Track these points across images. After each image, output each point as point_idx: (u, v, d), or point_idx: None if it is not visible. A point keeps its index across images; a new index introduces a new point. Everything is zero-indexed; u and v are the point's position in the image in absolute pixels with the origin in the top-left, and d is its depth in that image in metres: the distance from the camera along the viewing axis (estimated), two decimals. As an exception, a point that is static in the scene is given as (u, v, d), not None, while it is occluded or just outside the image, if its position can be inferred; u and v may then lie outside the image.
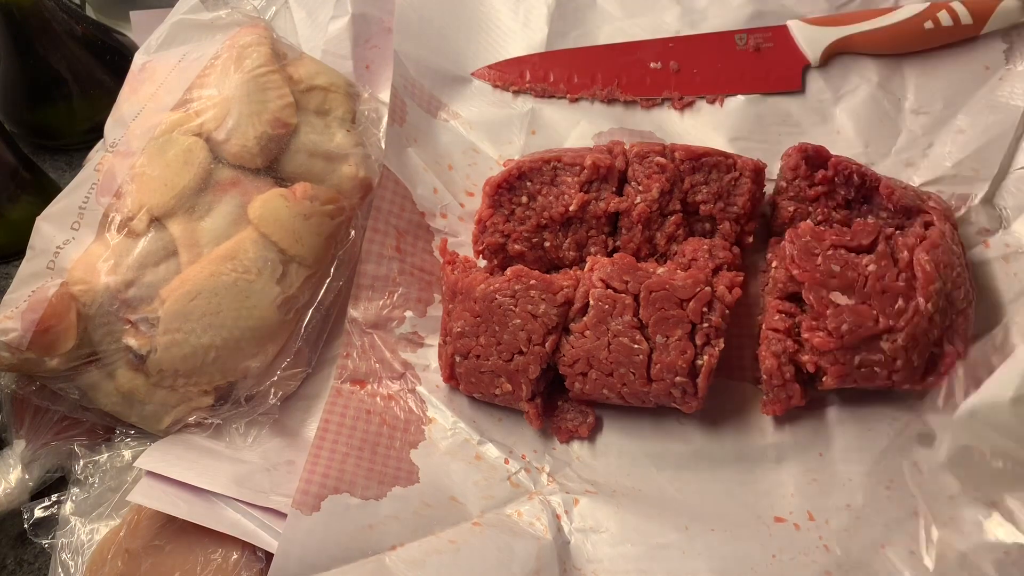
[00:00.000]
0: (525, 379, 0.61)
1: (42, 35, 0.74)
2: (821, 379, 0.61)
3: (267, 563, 0.58)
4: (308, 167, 0.65)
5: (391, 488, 0.60)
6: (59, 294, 0.59)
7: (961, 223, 0.68)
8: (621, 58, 0.76)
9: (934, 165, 0.70)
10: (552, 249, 0.67)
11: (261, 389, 0.64)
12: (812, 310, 0.60)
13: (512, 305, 0.61)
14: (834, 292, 0.59)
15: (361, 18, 0.77)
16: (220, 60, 0.65)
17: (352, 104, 0.70)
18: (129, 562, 0.58)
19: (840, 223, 0.66)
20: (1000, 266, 0.67)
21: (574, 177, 0.66)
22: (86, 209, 0.62)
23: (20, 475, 0.62)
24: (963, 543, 0.59)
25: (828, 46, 0.74)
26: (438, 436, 0.64)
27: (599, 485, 0.62)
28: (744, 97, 0.74)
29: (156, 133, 0.63)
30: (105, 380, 0.61)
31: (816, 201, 0.66)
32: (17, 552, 0.64)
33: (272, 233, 0.62)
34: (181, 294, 0.60)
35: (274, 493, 0.58)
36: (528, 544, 0.58)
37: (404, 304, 0.67)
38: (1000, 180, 0.70)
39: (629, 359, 0.60)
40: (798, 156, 0.65)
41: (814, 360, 0.60)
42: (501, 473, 0.63)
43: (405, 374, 0.66)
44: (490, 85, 0.76)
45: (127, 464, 0.63)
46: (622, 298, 0.60)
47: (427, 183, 0.71)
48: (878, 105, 0.73)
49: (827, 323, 0.59)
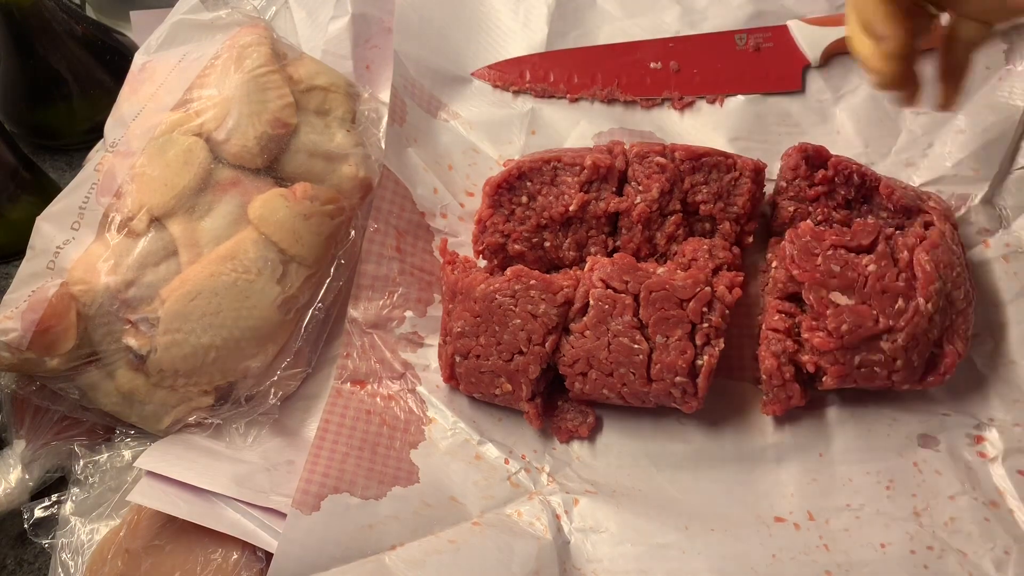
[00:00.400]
0: (525, 379, 0.61)
1: (42, 35, 0.74)
2: (821, 379, 0.61)
3: (267, 563, 0.58)
4: (308, 167, 0.65)
5: (391, 488, 0.60)
6: (59, 294, 0.59)
7: (961, 223, 0.68)
8: (621, 58, 0.76)
9: (934, 165, 0.70)
10: (552, 249, 0.67)
11: (261, 389, 0.64)
12: (812, 310, 0.60)
13: (512, 305, 0.61)
14: (834, 292, 0.59)
15: (361, 18, 0.77)
16: (220, 60, 0.65)
17: (352, 104, 0.70)
18: (129, 562, 0.58)
19: (840, 223, 0.66)
20: (1000, 265, 0.67)
21: (574, 177, 0.66)
22: (86, 209, 0.62)
23: (20, 475, 0.62)
24: (963, 543, 0.59)
25: (828, 46, 0.74)
26: (438, 436, 0.64)
27: (599, 485, 0.62)
28: (744, 97, 0.74)
29: (156, 133, 0.63)
30: (105, 380, 0.61)
31: (816, 201, 0.66)
32: (17, 552, 0.64)
33: (272, 233, 0.62)
34: (181, 294, 0.60)
35: (274, 493, 0.58)
36: (528, 544, 0.58)
37: (404, 304, 0.67)
38: (1000, 180, 0.70)
39: (629, 359, 0.60)
40: (798, 156, 0.65)
41: (814, 360, 0.60)
42: (501, 473, 0.63)
43: (405, 374, 0.66)
44: (490, 85, 0.76)
45: (127, 464, 0.63)
46: (622, 298, 0.60)
47: (427, 183, 0.71)
48: (878, 105, 0.73)
49: (827, 323, 0.59)
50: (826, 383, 0.60)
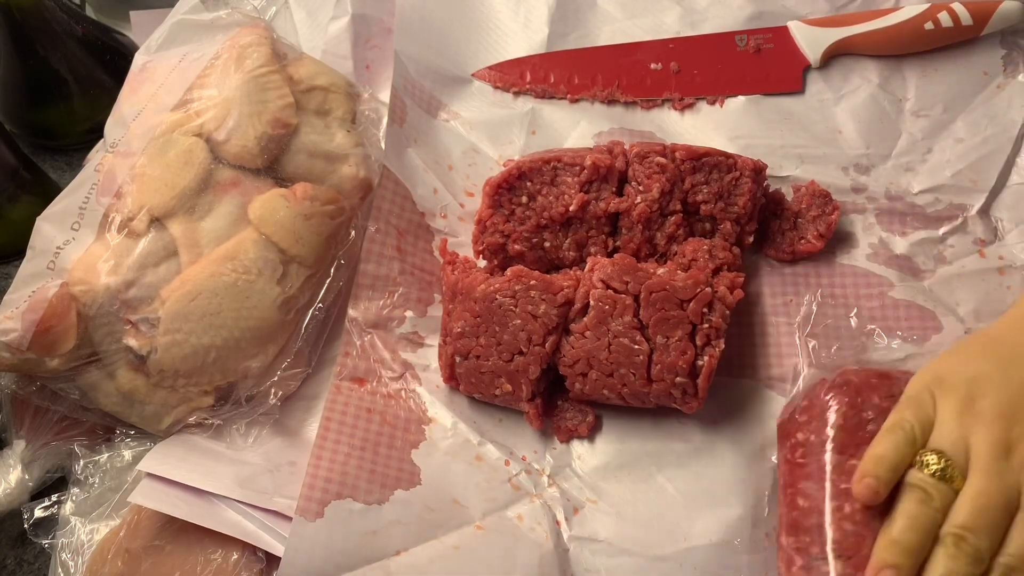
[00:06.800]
0: (525, 379, 0.61)
1: (42, 35, 0.74)
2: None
3: (267, 563, 0.58)
4: (308, 167, 0.65)
5: (393, 492, 0.60)
6: (59, 294, 0.59)
7: (958, 232, 0.69)
8: (621, 59, 0.76)
9: (933, 173, 0.70)
10: (552, 249, 0.67)
11: (261, 389, 0.64)
12: None
13: (512, 305, 0.61)
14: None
15: (361, 18, 0.77)
16: (220, 60, 0.65)
17: (352, 104, 0.70)
18: (129, 562, 0.58)
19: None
20: (994, 277, 0.67)
21: (574, 177, 0.66)
22: (86, 209, 0.62)
23: (20, 475, 0.62)
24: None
25: (828, 47, 0.74)
26: (438, 436, 0.64)
27: (598, 488, 0.62)
28: (744, 98, 0.74)
29: (156, 133, 0.63)
30: (105, 380, 0.61)
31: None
32: (17, 552, 0.64)
33: (272, 233, 0.62)
34: (181, 294, 0.60)
35: (277, 495, 0.59)
36: (531, 551, 0.59)
37: (404, 304, 0.67)
38: (996, 193, 0.70)
39: (629, 359, 0.60)
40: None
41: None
42: (502, 475, 0.63)
43: (405, 374, 0.66)
44: (490, 86, 0.76)
45: (127, 464, 0.63)
46: (622, 299, 0.60)
47: (427, 183, 0.71)
48: (879, 106, 0.73)
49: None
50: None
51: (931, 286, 0.67)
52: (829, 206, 0.68)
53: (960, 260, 0.67)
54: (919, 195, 0.70)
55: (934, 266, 0.68)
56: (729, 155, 0.66)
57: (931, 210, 0.69)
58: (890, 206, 0.70)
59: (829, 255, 0.68)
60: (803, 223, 0.68)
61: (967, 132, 0.71)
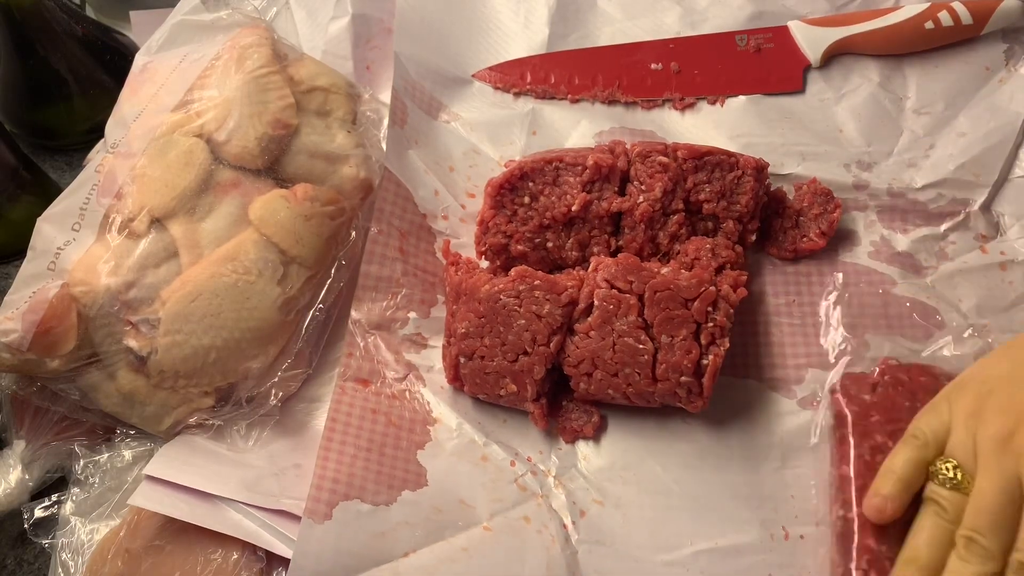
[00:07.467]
0: (530, 380, 0.61)
1: (42, 35, 0.74)
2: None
3: (267, 563, 0.58)
4: (309, 168, 0.65)
5: (400, 493, 0.60)
6: (60, 295, 0.59)
7: (960, 228, 0.69)
8: (622, 59, 0.76)
9: (936, 167, 0.70)
10: (555, 249, 0.67)
11: (262, 390, 0.64)
12: None
13: (516, 306, 0.61)
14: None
15: (361, 19, 0.77)
16: (221, 61, 0.65)
17: (353, 105, 0.70)
18: (129, 562, 0.58)
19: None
20: (996, 272, 0.67)
21: (576, 177, 0.66)
22: (87, 210, 0.62)
23: (20, 475, 0.62)
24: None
25: (829, 46, 0.74)
26: (444, 437, 0.64)
27: (604, 489, 0.62)
28: (745, 98, 0.75)
29: (157, 134, 0.63)
30: (106, 381, 0.61)
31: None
32: (17, 552, 0.63)
33: (273, 234, 0.62)
34: (182, 295, 0.60)
35: (284, 497, 0.58)
36: (538, 554, 0.58)
37: (408, 305, 0.67)
38: (999, 187, 0.70)
39: (634, 359, 0.60)
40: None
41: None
42: (508, 476, 0.62)
43: (409, 375, 0.66)
44: (491, 87, 0.76)
45: (127, 464, 0.63)
46: (627, 298, 0.60)
47: (428, 185, 0.71)
48: (880, 104, 0.73)
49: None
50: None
51: (933, 283, 0.67)
52: (831, 204, 0.68)
53: (962, 256, 0.68)
54: (922, 191, 0.70)
55: (936, 263, 0.68)
56: (731, 154, 0.66)
57: (933, 206, 0.70)
58: (892, 203, 0.70)
59: (831, 253, 0.69)
60: (805, 221, 0.68)
61: (970, 126, 0.71)
